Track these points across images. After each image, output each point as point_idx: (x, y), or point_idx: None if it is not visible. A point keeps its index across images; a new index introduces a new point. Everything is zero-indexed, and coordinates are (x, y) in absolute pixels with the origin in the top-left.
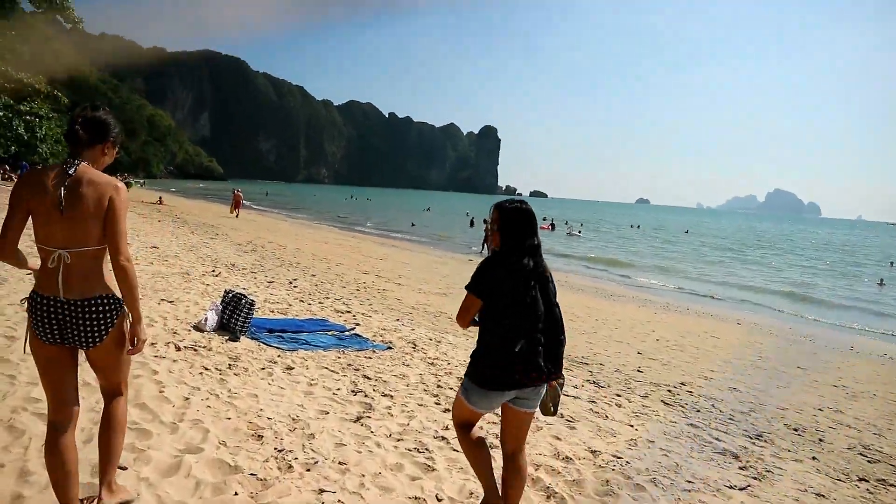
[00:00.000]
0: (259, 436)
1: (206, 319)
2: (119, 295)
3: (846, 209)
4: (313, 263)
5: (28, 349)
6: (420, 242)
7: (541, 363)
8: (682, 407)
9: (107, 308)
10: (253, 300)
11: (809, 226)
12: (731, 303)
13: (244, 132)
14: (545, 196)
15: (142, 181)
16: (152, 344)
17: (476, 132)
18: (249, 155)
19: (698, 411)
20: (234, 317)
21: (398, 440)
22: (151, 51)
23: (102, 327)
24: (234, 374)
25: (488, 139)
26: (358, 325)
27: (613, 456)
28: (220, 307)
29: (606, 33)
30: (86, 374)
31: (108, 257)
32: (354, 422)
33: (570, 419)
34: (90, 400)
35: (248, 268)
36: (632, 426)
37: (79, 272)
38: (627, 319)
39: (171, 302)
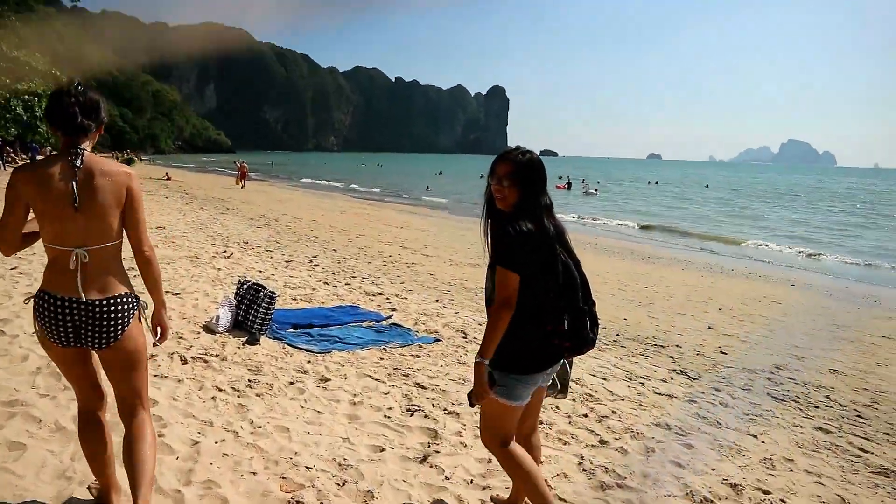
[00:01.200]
0: (298, 502)
1: (217, 318)
2: (131, 292)
3: (862, 157)
4: (332, 236)
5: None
6: (438, 207)
7: (591, 336)
8: (795, 402)
9: (126, 306)
10: (273, 292)
11: (827, 175)
12: (768, 264)
13: (251, 103)
14: (556, 154)
15: (146, 158)
16: (151, 356)
17: (484, 93)
18: (257, 126)
19: (816, 407)
20: (250, 313)
21: (482, 487)
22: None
23: (119, 325)
24: (257, 396)
25: (497, 100)
26: (394, 310)
27: (760, 489)
28: (235, 301)
29: None
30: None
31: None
32: (421, 462)
33: (680, 432)
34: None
35: (263, 245)
36: (754, 437)
37: (97, 270)
38: (679, 286)
39: (176, 294)
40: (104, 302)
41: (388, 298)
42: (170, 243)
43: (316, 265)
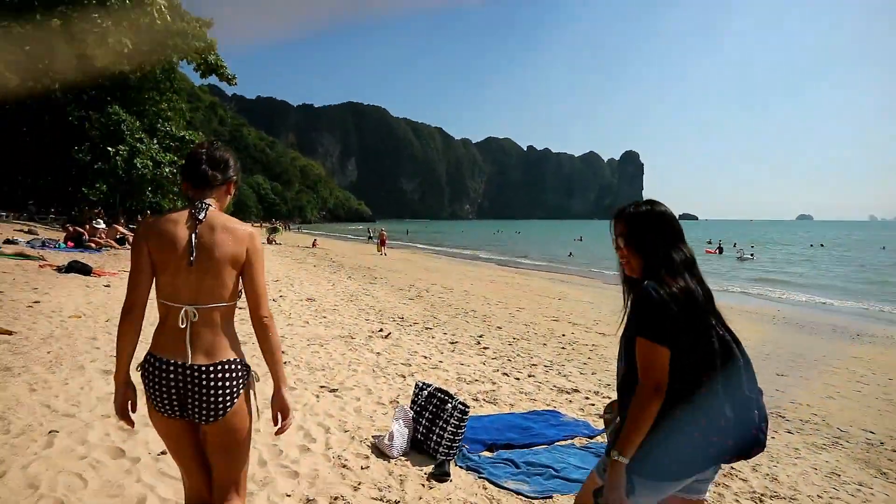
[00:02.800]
0: None
1: (391, 436)
2: (242, 359)
3: None
4: (491, 310)
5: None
6: (588, 276)
7: (761, 435)
8: None
9: (235, 374)
10: (464, 404)
11: None
12: None
13: (389, 175)
14: (695, 218)
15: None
16: (286, 496)
17: (617, 158)
18: (395, 196)
19: None
20: (434, 431)
21: None
22: (301, 108)
23: (228, 397)
24: None
25: (630, 164)
26: (608, 416)
27: None
28: (411, 413)
29: (753, 47)
30: None
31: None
32: None
33: None
34: None
35: (420, 321)
36: None
37: (207, 332)
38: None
39: (333, 391)
40: (211, 368)
41: (587, 397)
42: (321, 318)
43: (485, 348)
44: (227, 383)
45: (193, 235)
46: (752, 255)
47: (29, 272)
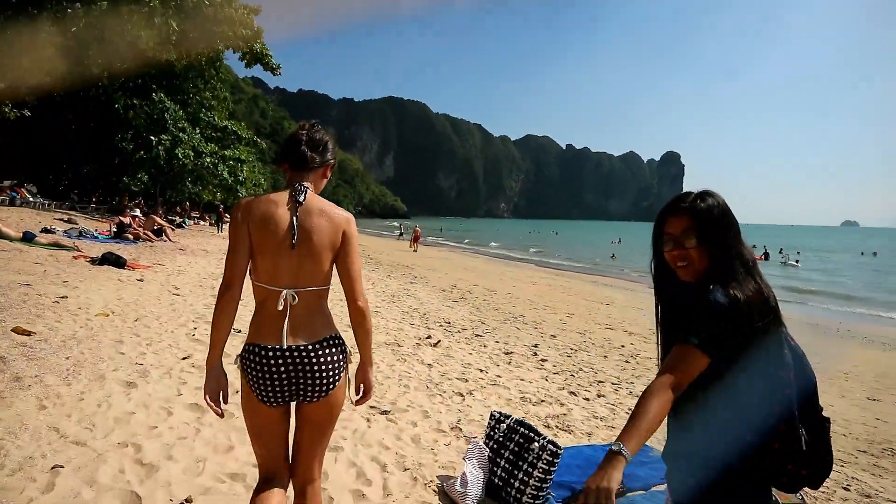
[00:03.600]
0: None
1: (462, 481)
2: (338, 335)
3: None
4: (540, 315)
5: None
6: (632, 280)
7: (830, 460)
8: None
9: (338, 350)
10: (555, 445)
11: None
12: None
13: (426, 171)
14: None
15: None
16: None
17: (657, 159)
18: (432, 192)
19: None
20: (515, 475)
21: None
22: (342, 102)
23: (334, 373)
24: None
25: (671, 165)
26: None
27: None
28: (487, 452)
29: (803, 49)
30: None
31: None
32: None
33: None
34: None
35: (469, 327)
36: None
37: (305, 314)
38: None
39: (385, 413)
40: (316, 346)
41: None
42: None
43: (543, 360)
44: (332, 359)
45: (294, 218)
46: (797, 261)
47: (62, 263)
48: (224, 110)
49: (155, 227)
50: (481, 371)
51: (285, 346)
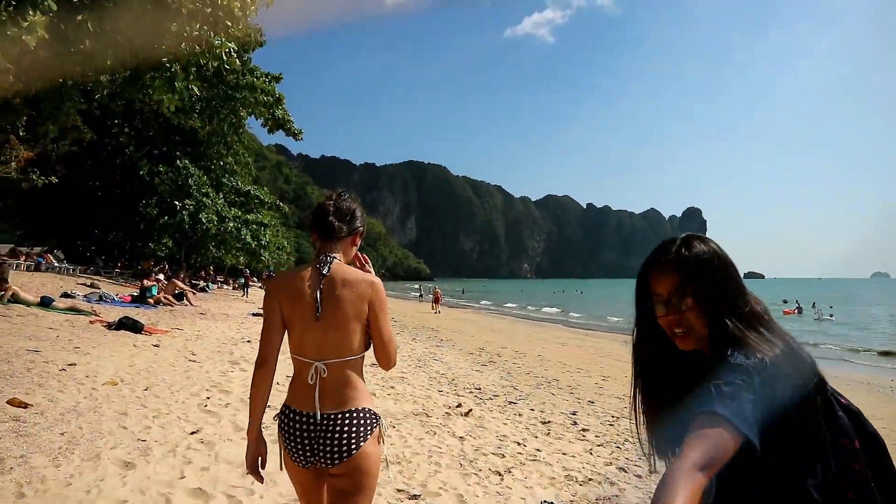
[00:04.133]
0: None
1: None
2: (371, 407)
3: None
4: (574, 378)
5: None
6: None
7: None
8: None
9: (364, 421)
10: None
11: None
12: None
13: (448, 233)
14: (762, 277)
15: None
16: None
17: (679, 215)
18: (454, 254)
19: None
20: None
21: None
22: (363, 167)
23: (353, 439)
24: None
25: (693, 222)
26: None
27: None
28: None
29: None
30: None
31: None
32: None
33: None
34: None
35: (501, 393)
36: None
37: (336, 385)
38: None
39: (415, 497)
40: (339, 415)
41: None
42: (388, 388)
43: (584, 430)
44: (354, 428)
45: (318, 291)
46: (831, 315)
47: (77, 328)
48: (247, 175)
49: (176, 292)
50: (518, 444)
51: (318, 414)
